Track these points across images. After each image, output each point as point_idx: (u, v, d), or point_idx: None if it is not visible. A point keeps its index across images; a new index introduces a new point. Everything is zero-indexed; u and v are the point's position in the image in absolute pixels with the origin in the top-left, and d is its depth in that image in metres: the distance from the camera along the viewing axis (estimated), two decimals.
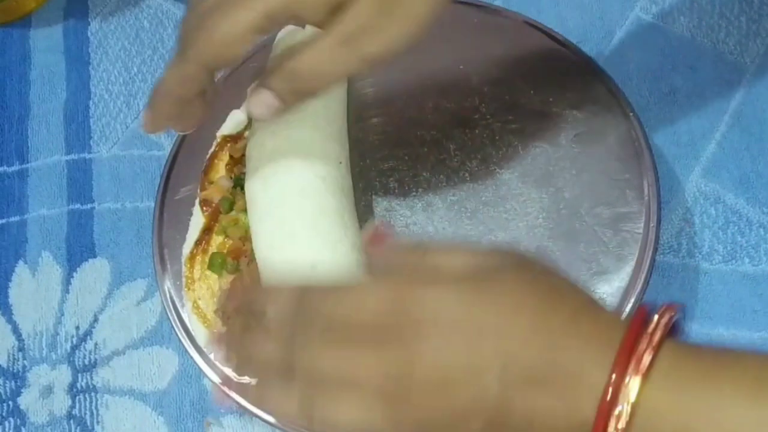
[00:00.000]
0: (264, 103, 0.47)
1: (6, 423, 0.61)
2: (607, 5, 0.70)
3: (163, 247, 0.59)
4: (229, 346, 0.46)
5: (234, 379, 0.50)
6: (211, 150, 0.61)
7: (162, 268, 0.59)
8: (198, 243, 0.58)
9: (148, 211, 0.61)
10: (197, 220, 0.59)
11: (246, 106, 0.54)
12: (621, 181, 0.58)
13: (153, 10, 0.75)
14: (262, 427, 0.58)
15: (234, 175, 0.59)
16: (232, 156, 0.60)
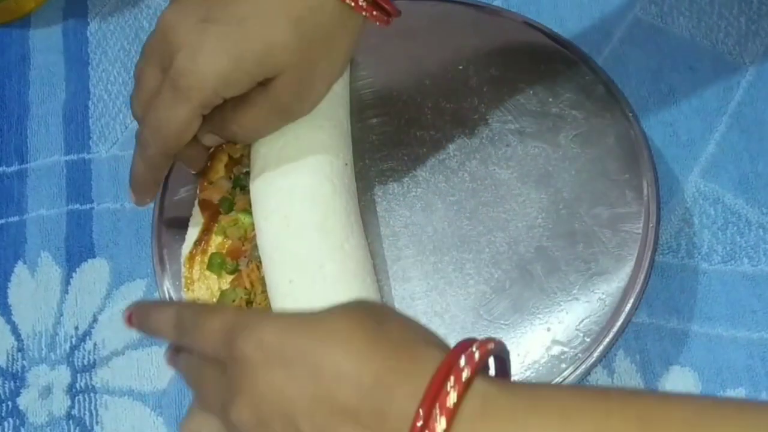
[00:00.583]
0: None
1: (5, 423, 0.61)
2: (607, 5, 0.70)
3: (162, 248, 0.59)
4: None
5: None
6: (210, 150, 0.61)
7: (161, 268, 0.59)
8: (197, 243, 0.57)
9: (148, 211, 0.61)
10: (196, 221, 0.59)
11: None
12: (620, 181, 0.58)
13: (152, 10, 0.75)
14: None
15: (233, 176, 0.59)
16: (231, 156, 0.60)
